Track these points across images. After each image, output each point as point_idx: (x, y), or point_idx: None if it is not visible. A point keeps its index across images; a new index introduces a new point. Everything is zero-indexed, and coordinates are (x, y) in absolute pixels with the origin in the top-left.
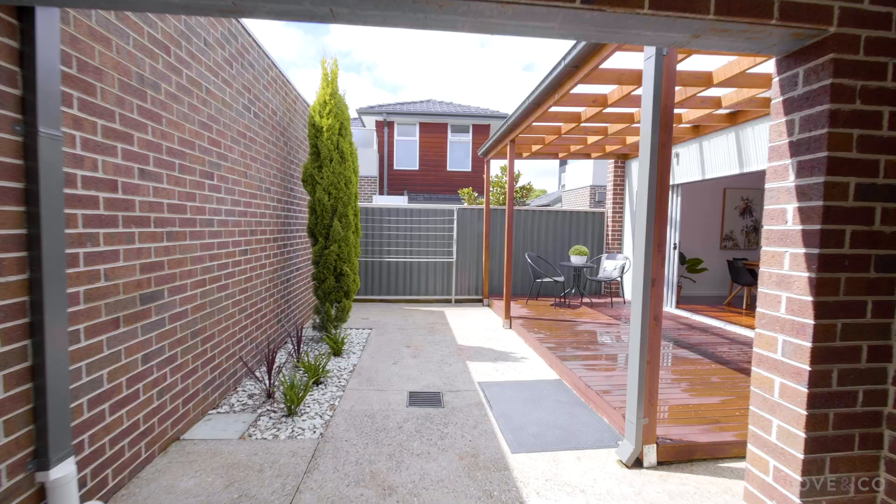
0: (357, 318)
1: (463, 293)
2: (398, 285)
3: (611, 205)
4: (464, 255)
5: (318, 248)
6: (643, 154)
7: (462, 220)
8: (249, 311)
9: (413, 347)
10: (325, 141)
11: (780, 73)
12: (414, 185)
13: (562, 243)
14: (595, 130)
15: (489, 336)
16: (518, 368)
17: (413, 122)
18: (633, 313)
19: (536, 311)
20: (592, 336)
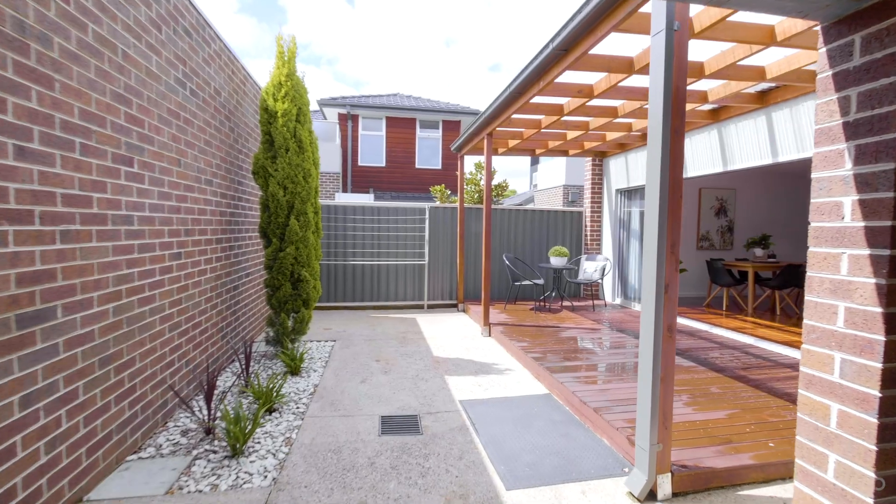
0: (318, 328)
1: (436, 298)
2: (365, 290)
3: (589, 204)
4: (437, 257)
5: (271, 251)
6: (653, 143)
7: (435, 220)
8: (185, 328)
9: (384, 361)
10: (279, 128)
11: (829, 41)
12: (380, 182)
13: (539, 244)
14: (576, 125)
15: (467, 345)
16: (502, 382)
17: (379, 116)
18: (644, 323)
19: (516, 316)
20: (579, 344)
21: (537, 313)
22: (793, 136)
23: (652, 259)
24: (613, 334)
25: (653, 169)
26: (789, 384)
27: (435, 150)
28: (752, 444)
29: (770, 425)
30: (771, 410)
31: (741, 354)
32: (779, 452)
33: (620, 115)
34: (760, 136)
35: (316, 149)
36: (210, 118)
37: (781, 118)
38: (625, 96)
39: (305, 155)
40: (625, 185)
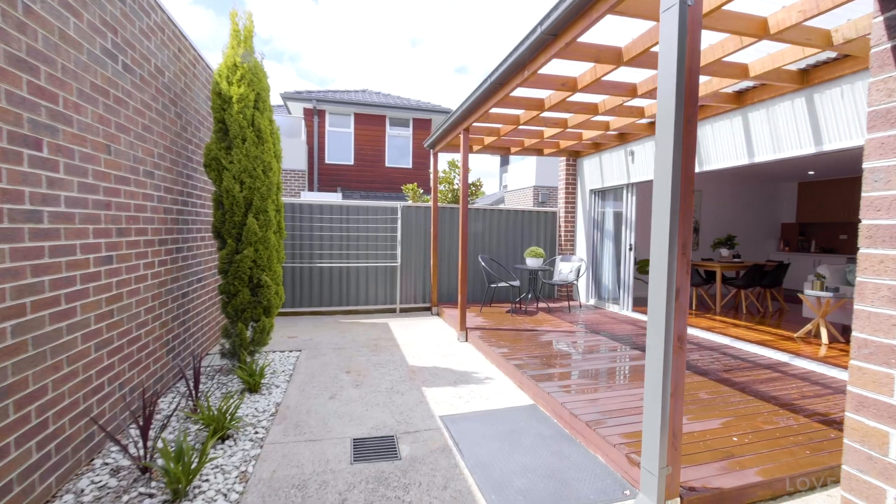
0: (282, 337)
1: (409, 301)
2: (333, 295)
3: (563, 204)
4: (409, 259)
5: (225, 253)
6: (663, 133)
7: (407, 219)
8: (118, 345)
9: (354, 373)
10: (235, 115)
11: (889, 8)
12: (349, 181)
13: (514, 245)
14: (555, 122)
15: (444, 352)
16: (484, 393)
17: (347, 113)
18: (652, 333)
19: (492, 319)
20: (561, 348)
21: (514, 316)
22: (769, 137)
23: (661, 261)
24: (594, 337)
25: (663, 162)
26: (773, 386)
27: (405, 149)
28: (755, 457)
29: (766, 434)
30: (763, 417)
31: (720, 356)
32: (783, 466)
33: (601, 111)
34: (737, 136)
35: (278, 140)
36: (150, 100)
37: (758, 119)
38: (608, 91)
39: (265, 146)
40: (599, 185)
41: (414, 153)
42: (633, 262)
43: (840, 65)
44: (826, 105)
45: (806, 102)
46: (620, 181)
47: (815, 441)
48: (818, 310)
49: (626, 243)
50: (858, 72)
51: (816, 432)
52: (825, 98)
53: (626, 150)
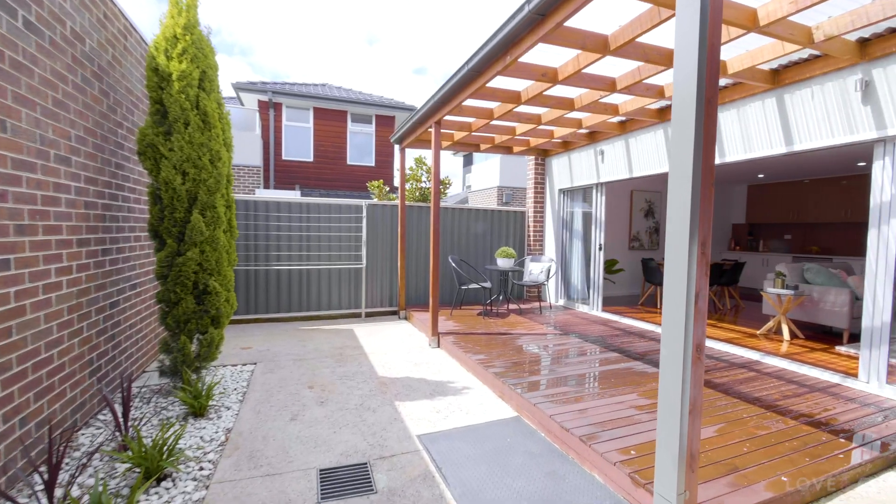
0: (234, 348)
1: (375, 305)
2: (292, 300)
3: (532, 204)
4: (375, 260)
5: (164, 255)
6: (682, 117)
7: (373, 218)
8: (18, 370)
9: (318, 388)
10: (175, 95)
11: None
12: (307, 178)
13: (483, 245)
14: (529, 118)
15: (416, 360)
16: (463, 405)
17: (306, 107)
18: (668, 342)
19: (464, 322)
20: (539, 353)
21: (486, 319)
22: (740, 138)
23: (680, 262)
24: (570, 340)
25: (681, 150)
26: (753, 387)
27: (367, 147)
28: (759, 469)
29: (762, 441)
30: (754, 421)
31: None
32: (789, 478)
33: (576, 107)
34: None
35: (228, 127)
36: (65, 70)
37: (728, 119)
38: (587, 84)
39: (213, 132)
40: (568, 184)
41: (377, 151)
42: (602, 263)
43: (810, 65)
44: (797, 106)
45: (776, 103)
46: (590, 181)
47: (810, 446)
48: (779, 307)
49: (595, 243)
50: (829, 73)
51: (808, 436)
52: (795, 99)
53: (596, 149)
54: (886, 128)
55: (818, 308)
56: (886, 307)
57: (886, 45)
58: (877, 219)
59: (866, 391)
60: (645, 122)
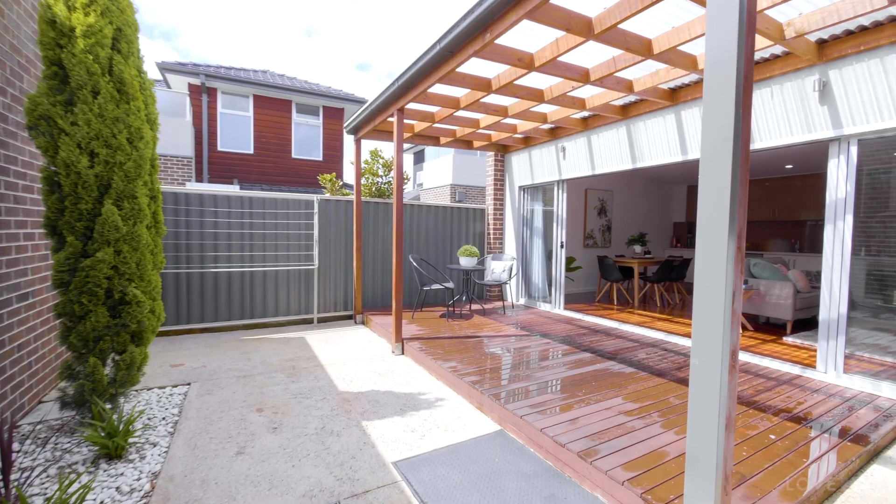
0: (163, 366)
1: (328, 309)
2: (232, 306)
3: (491, 201)
4: (328, 260)
5: (65, 257)
6: (718, 94)
7: (325, 215)
8: None
9: (269, 410)
10: (80, 55)
11: None
12: (248, 172)
13: (443, 243)
14: (496, 109)
15: (380, 370)
16: (440, 421)
17: (245, 94)
18: (701, 350)
19: (427, 326)
20: (512, 357)
21: (450, 321)
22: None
23: (716, 258)
24: (541, 341)
25: (717, 130)
26: None
27: (315, 140)
28: (765, 475)
29: (756, 443)
30: (741, 420)
31: (662, 352)
32: (797, 484)
33: (546, 99)
34: (670, 134)
35: (152, 101)
36: None
37: (690, 116)
38: (563, 73)
39: (132, 105)
40: (529, 181)
41: (325, 145)
42: (564, 260)
43: (770, 66)
44: (757, 105)
45: None
46: (552, 177)
47: (801, 444)
48: None
49: (557, 240)
50: (788, 73)
51: (795, 433)
52: (756, 98)
53: (558, 145)
54: (842, 127)
55: (764, 301)
56: (843, 299)
57: (843, 47)
58: (832, 215)
59: (826, 381)
60: (608, 119)
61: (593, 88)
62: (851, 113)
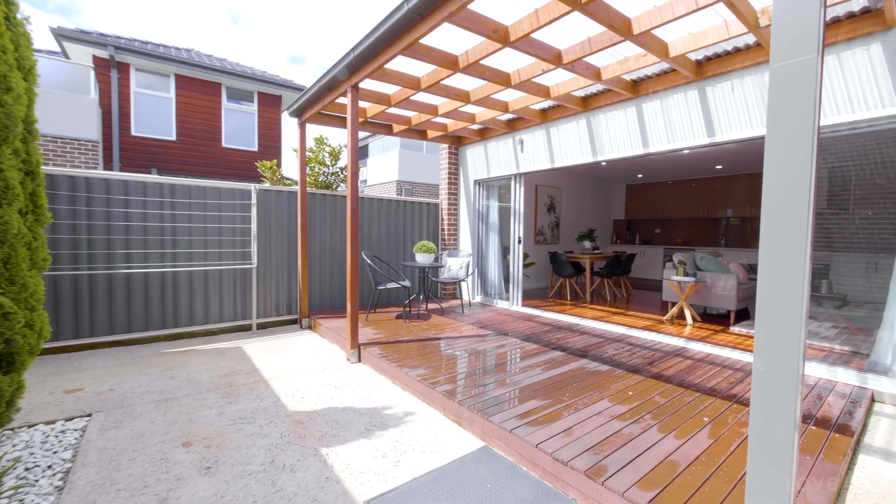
0: (53, 393)
1: (269, 314)
2: (151, 313)
3: (445, 195)
4: (268, 258)
5: None
6: (792, 64)
7: (265, 207)
8: None
9: (200, 443)
10: None
11: None
12: (169, 162)
13: (396, 239)
14: (458, 94)
15: (335, 382)
16: (414, 440)
17: (165, 73)
18: (765, 351)
19: (384, 328)
20: (482, 359)
21: (408, 322)
22: (663, 128)
23: (790, 253)
24: (509, 341)
25: (795, 106)
26: (698, 376)
27: (249, 129)
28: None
29: None
30: (733, 417)
31: (629, 346)
32: (819, 483)
33: (512, 83)
34: (631, 127)
35: (26, 43)
36: None
37: (652, 110)
38: (536, 52)
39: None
40: (485, 175)
41: (261, 134)
42: (521, 256)
43: (731, 59)
44: (717, 98)
45: (698, 95)
46: (508, 171)
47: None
48: (682, 293)
49: (515, 236)
50: (749, 67)
51: None
52: (716, 91)
53: (515, 138)
54: None
55: (710, 293)
56: None
57: None
58: None
59: None
60: (568, 111)
61: (560, 74)
62: None
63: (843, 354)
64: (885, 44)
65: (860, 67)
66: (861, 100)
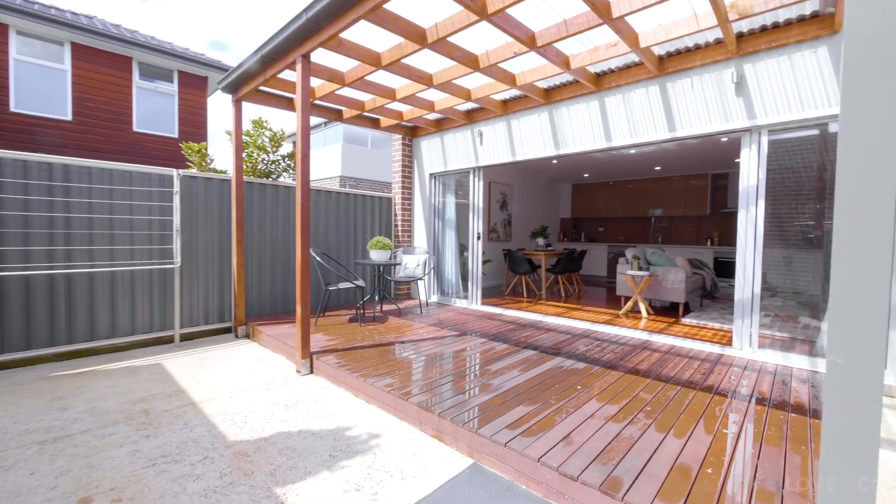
0: None
1: (196, 322)
2: (35, 327)
3: (399, 189)
4: (195, 257)
5: None
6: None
7: (191, 197)
8: None
9: (104, 498)
10: None
11: None
12: (63, 145)
13: (347, 236)
14: (420, 76)
15: (285, 400)
16: (392, 465)
17: (58, 40)
18: (836, 372)
19: (338, 334)
20: (456, 363)
21: (363, 326)
22: (626, 122)
23: (876, 254)
24: (478, 342)
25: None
26: (671, 368)
27: (169, 112)
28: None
29: (774, 436)
30: (719, 409)
31: (597, 342)
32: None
33: (481, 66)
34: (594, 120)
35: None
36: None
37: (614, 104)
38: (512, 29)
39: None
40: (441, 168)
41: (183, 119)
42: (481, 253)
43: (692, 56)
44: (678, 94)
45: (659, 91)
46: (467, 164)
47: (796, 431)
48: (636, 287)
49: (474, 232)
50: (707, 64)
51: (779, 421)
52: (677, 87)
53: (475, 130)
54: (756, 118)
55: (661, 286)
56: (756, 280)
57: (757, 42)
58: (745, 201)
59: (746, 357)
60: (531, 103)
61: (528, 61)
62: (764, 105)
63: (784, 341)
64: (831, 47)
65: (809, 69)
66: (810, 99)
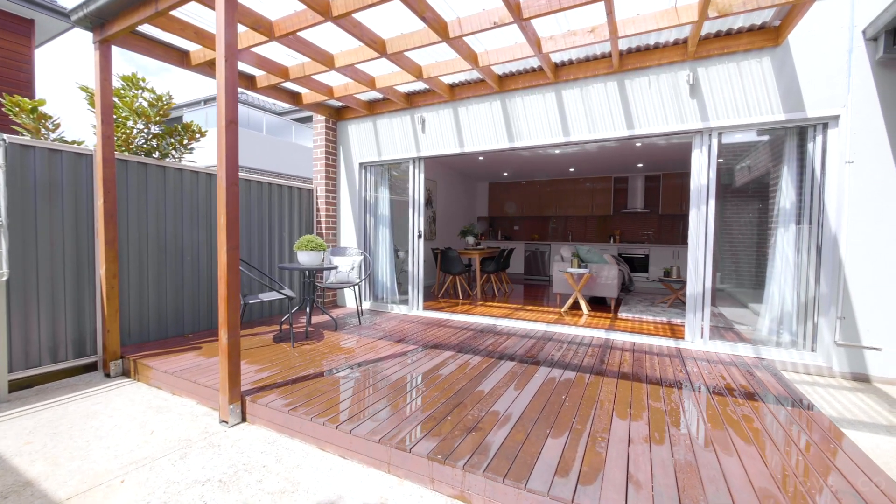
0: None
1: (38, 360)
2: None
3: (322, 180)
4: (34, 263)
5: None
6: None
7: (24, 177)
8: None
9: None
10: None
11: None
12: None
13: (261, 235)
14: (373, 39)
15: (218, 473)
16: None
17: None
18: None
19: (264, 359)
20: (445, 388)
21: (296, 346)
22: (584, 117)
23: None
24: (446, 355)
25: None
26: (647, 368)
27: None
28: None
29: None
30: (733, 411)
31: (564, 344)
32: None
33: (451, 35)
34: (551, 113)
35: None
36: None
37: (572, 97)
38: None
39: None
40: (374, 158)
41: (2, 75)
42: (422, 253)
43: (649, 55)
44: (636, 91)
45: (618, 87)
46: (406, 154)
47: (789, 426)
48: (576, 285)
49: (414, 229)
50: (664, 65)
51: (773, 416)
52: (635, 85)
53: (416, 116)
54: (708, 119)
55: (596, 283)
56: (708, 275)
57: (711, 47)
58: (696, 199)
59: (699, 349)
60: (481, 90)
61: (495, 38)
62: (716, 108)
63: (718, 329)
64: (773, 59)
65: (755, 76)
66: (756, 105)
